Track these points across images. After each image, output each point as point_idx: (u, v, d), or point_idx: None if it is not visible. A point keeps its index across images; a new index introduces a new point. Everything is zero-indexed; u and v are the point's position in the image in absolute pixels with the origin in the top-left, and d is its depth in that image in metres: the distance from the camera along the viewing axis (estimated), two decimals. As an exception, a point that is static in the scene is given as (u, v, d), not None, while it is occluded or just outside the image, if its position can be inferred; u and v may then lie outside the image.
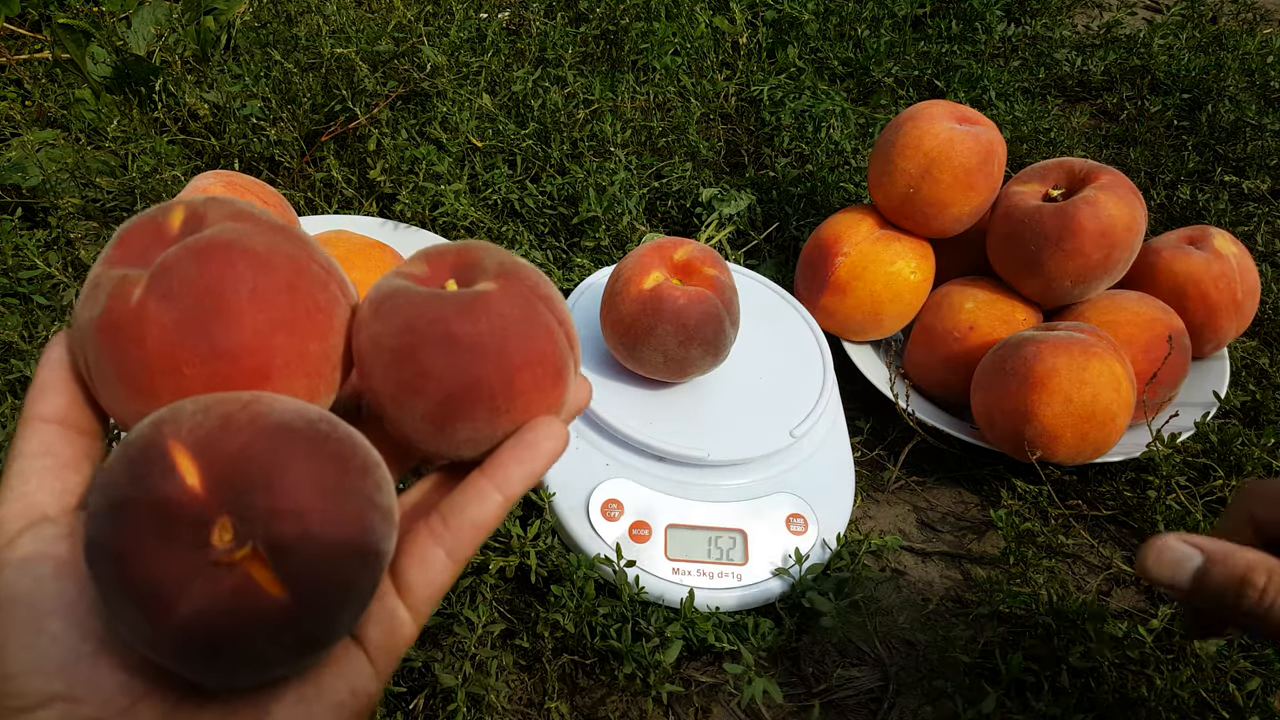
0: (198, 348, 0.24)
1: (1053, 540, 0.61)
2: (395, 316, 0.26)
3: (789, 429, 0.59)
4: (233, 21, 0.94)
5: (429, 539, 0.26)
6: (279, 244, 0.26)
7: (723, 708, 0.53)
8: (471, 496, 0.26)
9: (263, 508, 0.22)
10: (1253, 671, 0.52)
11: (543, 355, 0.27)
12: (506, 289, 0.27)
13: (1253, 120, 1.00)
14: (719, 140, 0.96)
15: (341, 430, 0.24)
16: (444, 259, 0.29)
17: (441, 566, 0.26)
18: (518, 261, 0.28)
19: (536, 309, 0.27)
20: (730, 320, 0.58)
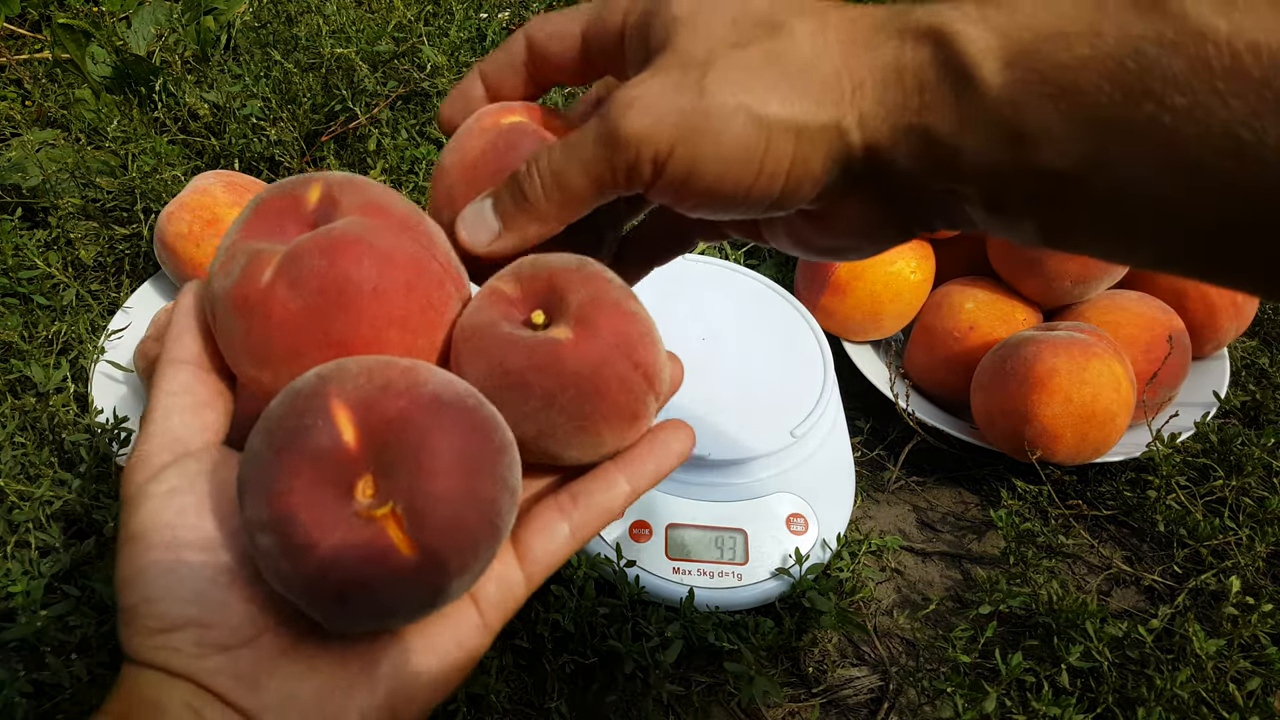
0: (317, 335, 0.26)
1: (1053, 540, 0.61)
2: (479, 362, 0.27)
3: (789, 429, 0.59)
4: (233, 21, 0.94)
5: (556, 513, 0.28)
6: (402, 243, 0.27)
7: (723, 708, 0.53)
8: (602, 483, 0.28)
9: (408, 473, 0.23)
10: (1253, 671, 0.52)
11: (615, 408, 0.27)
12: (582, 338, 0.27)
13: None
14: (719, 140, 0.96)
15: (486, 409, 0.26)
16: (536, 283, 0.29)
17: (564, 540, 0.28)
18: (604, 289, 0.28)
19: (610, 358, 0.27)
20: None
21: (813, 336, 0.67)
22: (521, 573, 0.28)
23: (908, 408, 0.66)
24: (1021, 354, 0.61)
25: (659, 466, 0.29)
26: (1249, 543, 0.59)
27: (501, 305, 0.28)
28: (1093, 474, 0.67)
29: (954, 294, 0.70)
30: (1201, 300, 0.68)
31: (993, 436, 0.64)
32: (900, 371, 0.73)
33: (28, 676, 0.45)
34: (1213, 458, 0.64)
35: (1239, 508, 0.63)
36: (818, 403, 0.61)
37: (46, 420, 0.60)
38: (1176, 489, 0.62)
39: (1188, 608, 0.58)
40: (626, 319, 0.28)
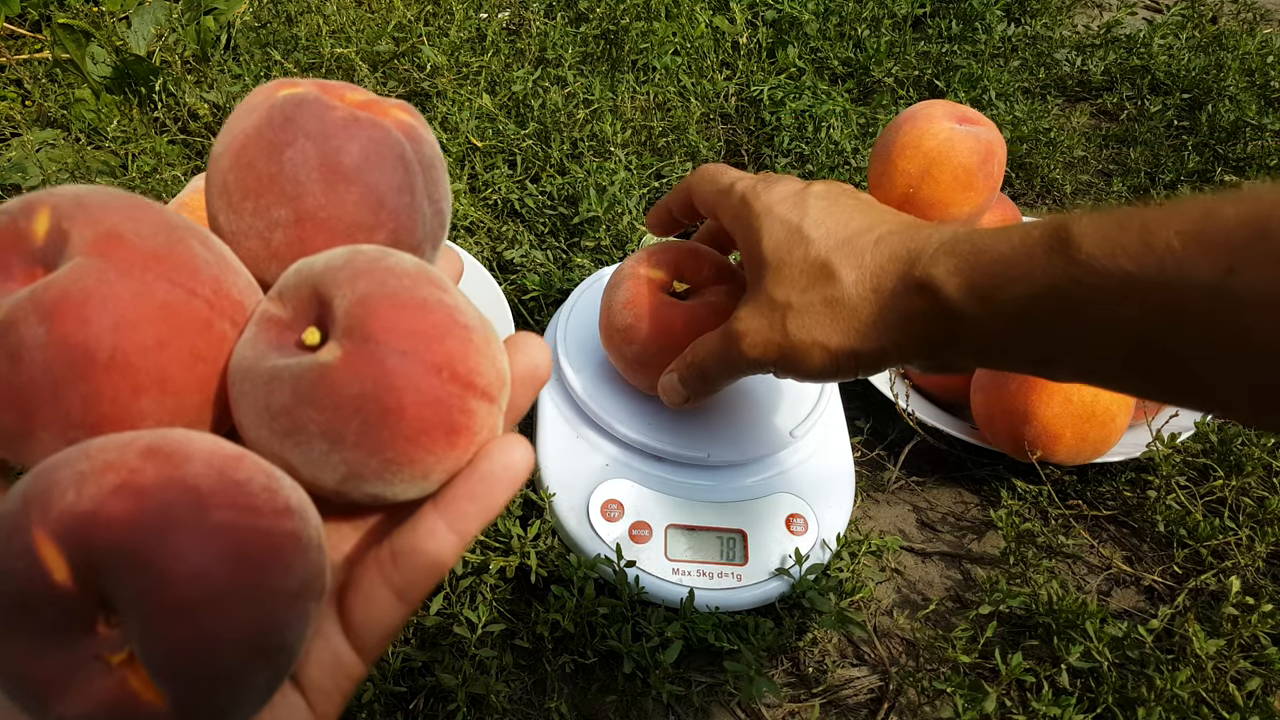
0: (50, 419, 0.21)
1: (1053, 540, 0.61)
2: (249, 410, 0.23)
3: (789, 429, 0.59)
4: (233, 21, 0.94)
5: (378, 578, 0.24)
6: (149, 286, 0.22)
7: (723, 708, 0.53)
8: (424, 533, 0.23)
9: (140, 609, 0.19)
10: (1253, 671, 0.52)
11: (422, 428, 0.22)
12: (354, 351, 0.22)
13: (1253, 120, 1.00)
14: (719, 140, 0.96)
15: (254, 493, 0.20)
16: (301, 294, 0.23)
17: (389, 607, 0.24)
18: (381, 280, 0.23)
19: (396, 368, 0.22)
20: None
21: (813, 336, 0.67)
22: (351, 649, 0.24)
23: (908, 408, 0.66)
24: (1021, 354, 0.61)
25: (488, 505, 0.24)
26: (1249, 543, 0.59)
27: (272, 331, 0.23)
28: (1093, 474, 0.67)
29: (954, 294, 0.70)
30: (1201, 300, 0.68)
31: (993, 436, 0.64)
32: (900, 371, 0.73)
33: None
34: (1213, 458, 0.64)
35: (1239, 508, 0.63)
36: (818, 403, 0.61)
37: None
38: (1176, 489, 0.62)
39: (1188, 608, 0.58)
40: (417, 312, 0.22)
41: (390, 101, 0.27)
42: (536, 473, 0.59)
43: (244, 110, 0.26)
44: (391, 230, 0.26)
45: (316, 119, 0.25)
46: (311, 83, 0.26)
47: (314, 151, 0.25)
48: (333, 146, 0.25)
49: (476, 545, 0.54)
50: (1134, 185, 0.99)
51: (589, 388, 0.60)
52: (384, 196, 0.25)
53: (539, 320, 0.74)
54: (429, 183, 0.27)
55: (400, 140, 0.26)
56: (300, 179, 0.25)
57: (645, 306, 0.55)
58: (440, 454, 0.23)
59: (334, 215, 0.25)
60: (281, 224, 0.25)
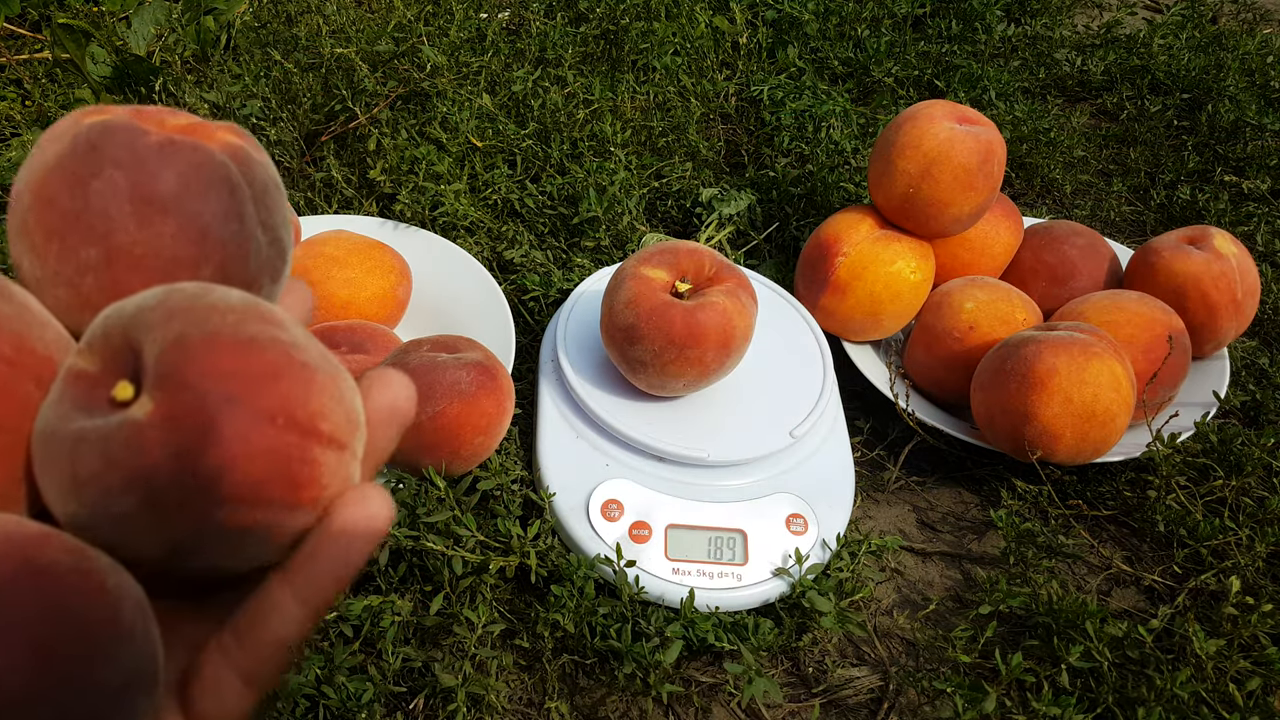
0: None
1: (1053, 540, 0.61)
2: (53, 482, 0.20)
3: (789, 429, 0.59)
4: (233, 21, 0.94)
5: (221, 662, 0.22)
6: None
7: (723, 708, 0.53)
8: (268, 608, 0.21)
9: None
10: (1253, 671, 0.52)
11: (256, 486, 0.20)
12: (167, 405, 0.19)
13: (1253, 120, 1.00)
14: (719, 140, 0.96)
15: (60, 576, 0.18)
16: (111, 343, 0.20)
17: (237, 695, 0.22)
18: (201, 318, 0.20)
19: (218, 420, 0.19)
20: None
21: (813, 336, 0.67)
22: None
23: (908, 408, 0.66)
24: (1021, 354, 0.61)
25: (342, 565, 0.21)
26: (1249, 543, 0.59)
27: (79, 388, 0.20)
28: (1093, 474, 0.67)
29: (954, 294, 0.70)
30: (1201, 300, 0.68)
31: (993, 436, 0.64)
32: (900, 371, 0.73)
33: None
34: (1213, 458, 0.64)
35: (1239, 508, 0.63)
36: (817, 403, 0.61)
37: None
38: (1176, 489, 0.62)
39: (1188, 608, 0.58)
40: (242, 352, 0.19)
41: (217, 124, 0.25)
42: (536, 472, 0.59)
43: (46, 141, 0.23)
44: (219, 264, 0.23)
45: (126, 146, 0.22)
46: (124, 109, 0.24)
47: (124, 181, 0.22)
48: (145, 174, 0.22)
49: (476, 545, 0.54)
50: (1134, 185, 0.99)
51: (589, 388, 0.60)
52: (208, 226, 0.23)
53: (539, 320, 0.74)
54: (262, 209, 0.24)
55: (225, 163, 0.24)
56: (110, 213, 0.22)
57: (647, 306, 0.55)
58: (281, 515, 0.20)
59: (150, 251, 0.22)
60: (92, 266, 0.22)
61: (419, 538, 0.52)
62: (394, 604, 0.52)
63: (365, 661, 0.51)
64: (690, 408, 0.61)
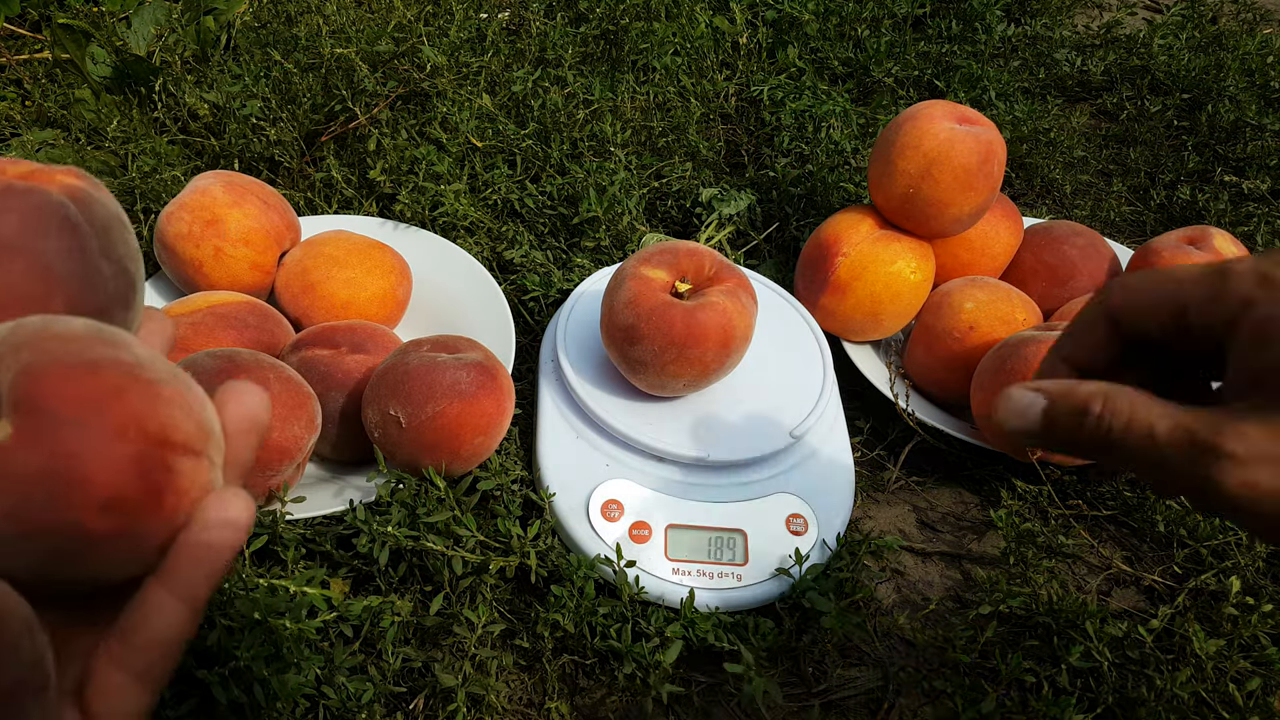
0: None
1: (1053, 540, 0.61)
2: None
3: (789, 429, 0.59)
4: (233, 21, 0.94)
5: (110, 664, 0.23)
6: None
7: (723, 708, 0.53)
8: (150, 610, 0.23)
9: None
10: (1253, 671, 0.52)
11: (117, 501, 0.21)
12: (25, 429, 0.20)
13: (1253, 120, 1.00)
14: (719, 140, 0.96)
15: None
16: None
17: (131, 693, 0.23)
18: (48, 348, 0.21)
19: (72, 441, 0.20)
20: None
21: (813, 336, 0.67)
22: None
23: (908, 408, 0.66)
24: (1021, 354, 0.61)
25: (211, 563, 0.23)
26: (1249, 543, 0.59)
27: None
28: (1093, 474, 0.67)
29: (954, 294, 0.70)
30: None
31: (993, 436, 0.64)
32: (900, 371, 0.73)
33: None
34: (1213, 458, 0.64)
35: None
36: (818, 403, 0.61)
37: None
38: (1176, 489, 0.62)
39: (1188, 608, 0.58)
40: (89, 374, 0.21)
41: (57, 169, 0.27)
42: (536, 473, 0.59)
43: None
44: (66, 297, 0.25)
45: (14, 207, 0.24)
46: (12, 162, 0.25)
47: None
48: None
49: (476, 545, 0.54)
50: (1134, 185, 0.99)
51: (589, 388, 0.60)
52: (51, 263, 0.24)
53: (539, 320, 0.74)
54: (106, 244, 0.26)
55: (64, 203, 0.25)
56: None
57: (647, 306, 0.55)
58: (145, 520, 0.21)
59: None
60: None
61: (419, 538, 0.52)
62: (394, 604, 0.52)
63: (365, 661, 0.51)
64: (690, 408, 0.61)
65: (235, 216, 0.65)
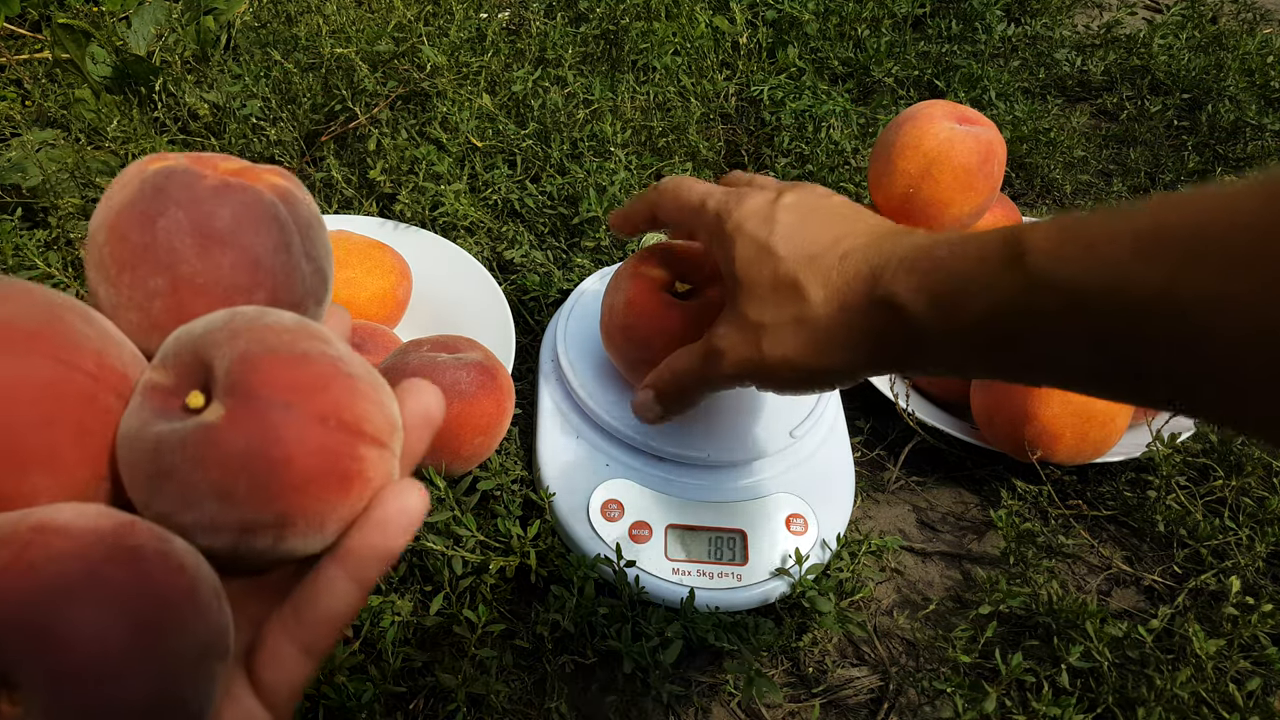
0: None
1: (1053, 540, 0.61)
2: (138, 478, 0.23)
3: (789, 429, 0.59)
4: (233, 21, 0.94)
5: (282, 635, 0.24)
6: (30, 367, 0.22)
7: (723, 708, 0.53)
8: (323, 586, 0.24)
9: (39, 679, 0.19)
10: (1253, 671, 0.52)
11: (312, 479, 0.22)
12: (236, 410, 0.22)
13: (1253, 120, 1.00)
14: (719, 140, 0.96)
15: (146, 557, 0.21)
16: (182, 359, 0.24)
17: (297, 664, 0.24)
18: (260, 336, 0.23)
19: (279, 423, 0.22)
20: None
21: (813, 336, 0.67)
22: (263, 708, 0.25)
23: (908, 408, 0.66)
24: (1021, 354, 0.61)
25: (385, 552, 0.24)
26: (1249, 543, 0.58)
27: (156, 399, 0.23)
28: (1093, 474, 0.67)
29: (954, 294, 0.70)
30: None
31: (993, 436, 0.64)
32: (900, 371, 0.73)
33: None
34: (1213, 458, 0.64)
35: (1239, 508, 0.63)
36: (818, 403, 0.61)
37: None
38: (1176, 489, 0.62)
39: (1188, 608, 0.58)
40: (298, 365, 0.23)
41: (264, 168, 0.28)
42: (536, 472, 0.59)
43: (117, 186, 0.27)
44: (270, 290, 0.26)
45: (186, 188, 0.26)
46: (184, 155, 0.27)
47: (186, 219, 0.25)
48: (204, 213, 0.25)
49: (476, 545, 0.54)
50: (1134, 185, 0.99)
51: (589, 388, 0.60)
52: (260, 257, 0.26)
53: (539, 320, 0.74)
54: (306, 242, 0.28)
55: (273, 202, 0.27)
56: (174, 246, 0.25)
57: (647, 306, 0.55)
58: (333, 503, 0.23)
59: (211, 280, 0.25)
60: (159, 293, 0.25)
61: (419, 538, 0.52)
62: (394, 604, 0.52)
63: (365, 661, 0.51)
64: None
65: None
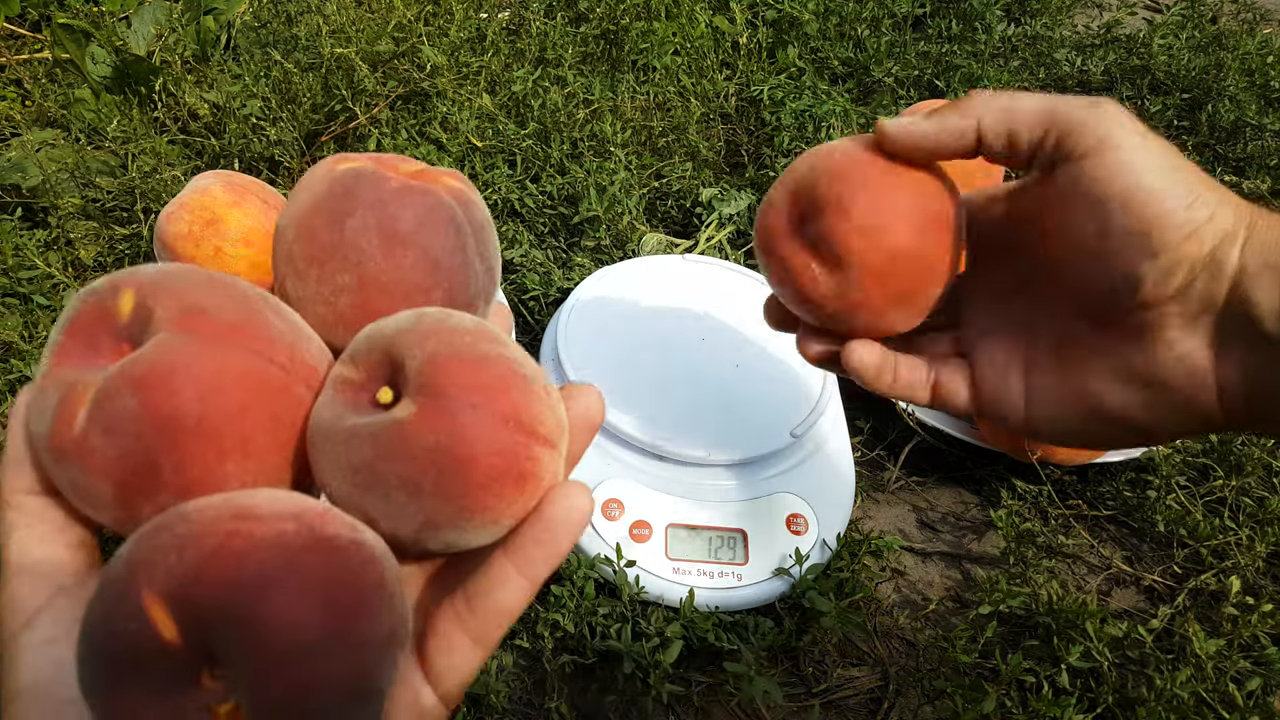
0: (143, 483, 0.23)
1: (1053, 540, 0.61)
2: (331, 467, 0.24)
3: (789, 429, 0.59)
4: (233, 21, 0.94)
5: (454, 624, 0.25)
6: (230, 356, 0.24)
7: (723, 708, 0.53)
8: (496, 580, 0.25)
9: (243, 662, 0.20)
10: (1253, 671, 0.52)
11: (492, 476, 0.23)
12: (427, 408, 0.23)
13: (1253, 120, 1.00)
14: (719, 140, 0.96)
15: (341, 547, 0.22)
16: (373, 356, 0.25)
17: (468, 653, 0.25)
18: (447, 339, 0.24)
19: (466, 422, 0.23)
20: None
21: (813, 336, 0.67)
22: (433, 694, 0.25)
23: (908, 408, 0.66)
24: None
25: (554, 550, 0.25)
26: (1249, 543, 0.58)
27: (348, 393, 0.25)
28: (1093, 474, 0.67)
29: (954, 294, 0.70)
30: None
31: (993, 436, 0.64)
32: (900, 371, 0.73)
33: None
34: (1213, 458, 0.64)
35: (1239, 508, 0.63)
36: (818, 403, 0.61)
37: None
38: (1176, 489, 0.62)
39: (1188, 608, 0.58)
40: (480, 367, 0.24)
41: (441, 170, 0.29)
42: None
43: (304, 185, 0.28)
44: (447, 289, 0.28)
45: (373, 189, 0.27)
46: (367, 157, 0.29)
47: (373, 219, 0.26)
48: (390, 214, 0.27)
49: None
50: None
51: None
52: (439, 258, 0.27)
53: (539, 320, 0.74)
54: (480, 243, 0.29)
55: (452, 205, 0.28)
56: (362, 246, 0.26)
57: (864, 174, 0.35)
58: (510, 499, 0.24)
59: (394, 279, 0.27)
60: (346, 289, 0.27)
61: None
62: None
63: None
64: (690, 408, 0.61)
65: (235, 216, 0.65)
